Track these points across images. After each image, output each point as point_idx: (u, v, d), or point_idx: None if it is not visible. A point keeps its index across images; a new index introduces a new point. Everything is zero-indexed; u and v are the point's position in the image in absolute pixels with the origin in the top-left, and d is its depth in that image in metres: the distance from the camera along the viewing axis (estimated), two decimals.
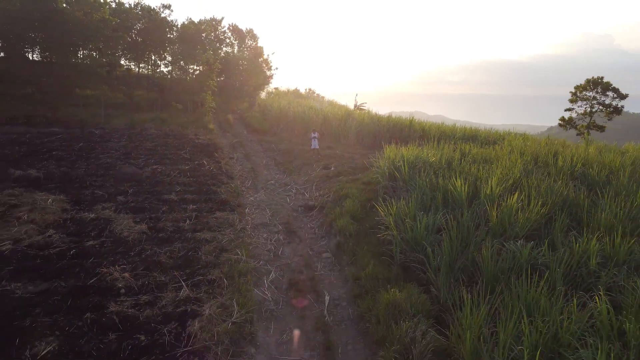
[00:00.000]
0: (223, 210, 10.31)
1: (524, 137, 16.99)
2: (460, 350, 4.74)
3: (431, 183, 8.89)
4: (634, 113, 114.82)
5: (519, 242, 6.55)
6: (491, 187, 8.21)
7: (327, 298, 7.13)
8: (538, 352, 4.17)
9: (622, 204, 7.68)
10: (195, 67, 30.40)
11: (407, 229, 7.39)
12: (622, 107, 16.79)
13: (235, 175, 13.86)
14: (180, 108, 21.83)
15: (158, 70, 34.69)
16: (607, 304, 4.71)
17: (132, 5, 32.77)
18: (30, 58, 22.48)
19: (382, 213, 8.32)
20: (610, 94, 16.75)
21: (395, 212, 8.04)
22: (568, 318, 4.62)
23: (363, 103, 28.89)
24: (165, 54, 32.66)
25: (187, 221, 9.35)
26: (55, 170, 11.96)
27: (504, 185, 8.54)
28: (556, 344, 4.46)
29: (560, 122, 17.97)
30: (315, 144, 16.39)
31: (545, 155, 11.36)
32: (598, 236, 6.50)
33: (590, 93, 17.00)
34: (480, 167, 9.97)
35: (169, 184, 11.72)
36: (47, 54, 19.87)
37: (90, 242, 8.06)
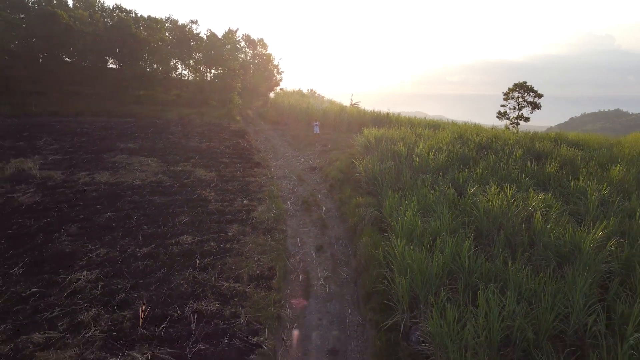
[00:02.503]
0: (258, 167, 14.86)
1: (475, 126, 21.40)
2: (385, 214, 9.29)
3: (387, 147, 13.42)
4: (633, 113, 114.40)
5: (429, 175, 11.10)
6: (420, 148, 12.76)
7: (323, 208, 11.71)
8: (415, 207, 8.72)
9: (495, 157, 12.22)
10: (213, 71, 34.78)
11: (370, 171, 11.93)
12: (540, 104, 21.16)
13: (261, 150, 18.39)
14: (214, 105, 26.25)
15: (178, 73, 38.91)
16: (453, 191, 9.29)
17: (164, 19, 37.14)
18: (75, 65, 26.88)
19: (357, 164, 12.86)
20: (532, 94, 21.14)
21: (364, 163, 12.56)
22: (434, 196, 9.19)
23: (358, 102, 32.83)
24: (189, 60, 37.02)
25: (238, 172, 13.92)
26: (145, 144, 16.50)
27: (430, 147, 13.07)
28: (427, 207, 9.02)
29: (497, 115, 22.37)
30: (317, 130, 20.83)
31: (467, 134, 15.85)
32: (471, 170, 11.06)
33: (518, 93, 21.43)
34: (422, 140, 14.48)
35: (220, 153, 16.26)
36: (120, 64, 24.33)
37: (185, 180, 12.63)
